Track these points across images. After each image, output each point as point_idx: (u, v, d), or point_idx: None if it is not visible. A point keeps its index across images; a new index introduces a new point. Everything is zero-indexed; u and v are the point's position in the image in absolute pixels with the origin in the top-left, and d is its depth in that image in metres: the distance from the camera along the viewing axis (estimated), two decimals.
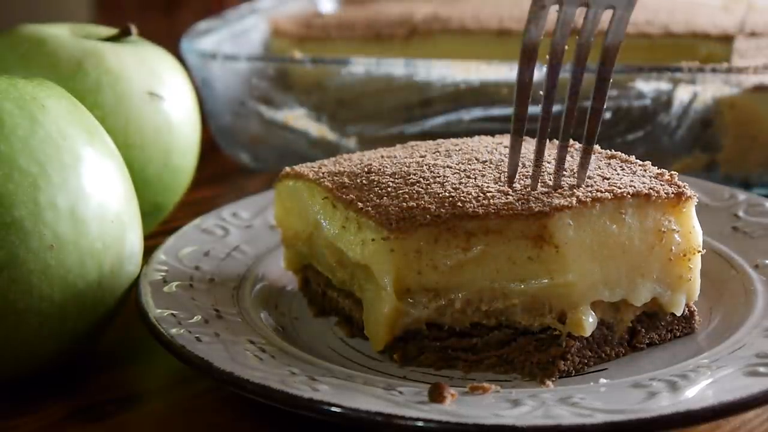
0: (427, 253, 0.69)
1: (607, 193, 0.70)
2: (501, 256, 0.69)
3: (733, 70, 1.01)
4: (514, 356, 0.71)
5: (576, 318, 0.70)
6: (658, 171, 0.74)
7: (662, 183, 0.72)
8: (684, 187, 0.72)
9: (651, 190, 0.71)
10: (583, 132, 0.72)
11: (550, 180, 0.72)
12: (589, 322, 0.70)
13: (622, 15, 0.70)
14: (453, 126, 1.10)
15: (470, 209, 0.69)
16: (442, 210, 0.69)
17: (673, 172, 0.74)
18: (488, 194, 0.70)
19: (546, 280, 0.69)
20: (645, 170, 0.74)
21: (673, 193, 0.71)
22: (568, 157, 0.74)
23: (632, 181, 0.72)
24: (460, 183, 0.72)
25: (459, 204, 0.69)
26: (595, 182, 0.71)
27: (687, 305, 0.74)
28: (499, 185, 0.72)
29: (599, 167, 0.75)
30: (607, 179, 0.72)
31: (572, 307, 0.70)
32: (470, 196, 0.70)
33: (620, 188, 0.70)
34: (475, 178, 0.73)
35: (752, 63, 1.05)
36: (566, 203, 0.69)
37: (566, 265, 0.69)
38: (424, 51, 1.21)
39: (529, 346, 0.71)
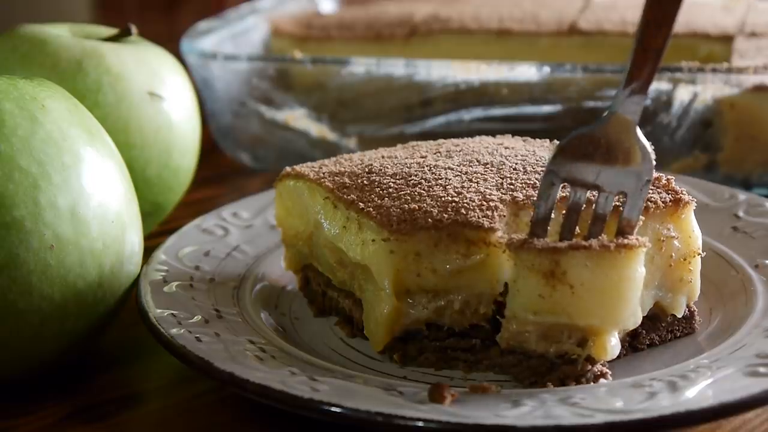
0: (426, 256, 0.69)
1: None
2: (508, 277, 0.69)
3: (733, 70, 1.01)
4: (519, 372, 0.70)
5: (600, 342, 0.66)
6: (656, 175, 0.74)
7: (659, 189, 0.72)
8: (681, 192, 0.72)
9: (648, 202, 0.71)
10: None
11: None
12: (612, 344, 0.66)
13: (635, 201, 0.68)
14: (453, 126, 1.10)
15: (473, 218, 0.69)
16: (444, 215, 0.69)
17: (670, 177, 0.74)
18: (491, 203, 0.70)
19: (563, 320, 0.66)
20: None
21: (670, 200, 0.71)
22: None
23: None
24: (462, 187, 0.72)
25: (462, 211, 0.69)
26: (593, 195, 0.71)
27: (687, 306, 0.74)
28: (502, 192, 0.71)
29: None
30: None
31: (594, 334, 0.66)
32: (473, 204, 0.70)
33: (617, 203, 0.70)
34: (477, 183, 0.73)
35: (752, 63, 1.05)
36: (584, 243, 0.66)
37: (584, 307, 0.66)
38: (424, 51, 1.21)
39: (541, 368, 0.68)
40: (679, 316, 0.73)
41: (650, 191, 0.72)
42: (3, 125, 0.68)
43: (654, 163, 0.68)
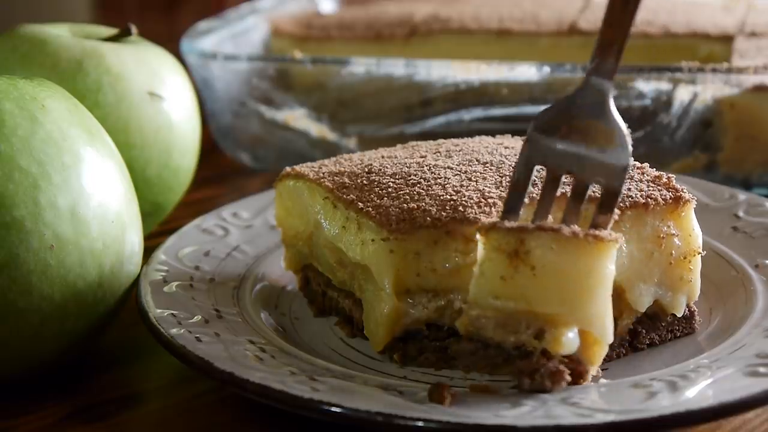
0: (426, 255, 0.69)
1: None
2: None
3: (733, 70, 1.01)
4: (474, 362, 0.69)
5: (556, 334, 0.64)
6: (656, 174, 0.74)
7: (660, 187, 0.72)
8: (682, 190, 0.72)
9: (648, 199, 0.71)
10: None
11: None
12: (569, 338, 0.64)
13: (610, 193, 0.66)
14: (453, 126, 1.10)
15: (471, 215, 0.69)
16: (443, 213, 0.69)
17: (670, 175, 0.74)
18: (489, 200, 0.70)
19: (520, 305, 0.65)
20: (643, 173, 0.74)
21: (671, 198, 0.71)
22: None
23: (629, 189, 0.72)
24: (461, 186, 0.72)
25: (460, 208, 0.69)
26: (593, 191, 0.71)
27: (687, 305, 0.74)
28: (501, 190, 0.72)
29: None
30: None
31: (552, 325, 0.64)
32: (471, 201, 0.70)
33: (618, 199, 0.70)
34: (477, 181, 0.73)
35: (752, 63, 1.05)
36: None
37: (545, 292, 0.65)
38: (424, 51, 1.21)
39: (497, 359, 0.67)
40: (679, 315, 0.73)
41: (651, 189, 0.72)
42: (3, 125, 0.68)
43: (631, 148, 0.67)
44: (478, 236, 0.66)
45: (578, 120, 0.68)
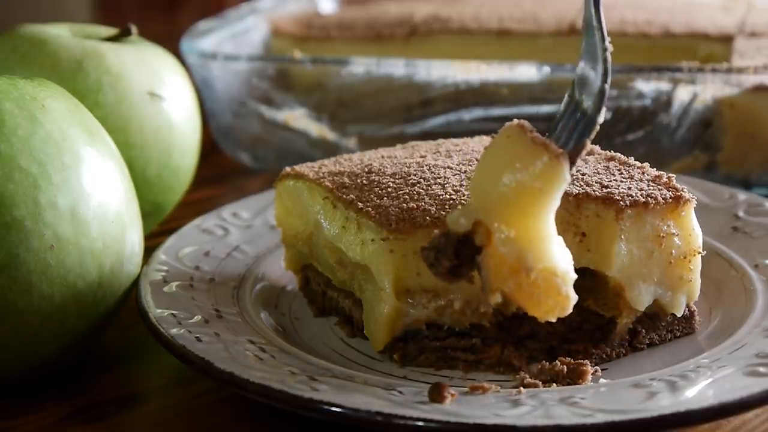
0: None
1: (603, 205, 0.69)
2: None
3: (733, 70, 1.01)
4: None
5: (484, 229, 0.62)
6: (656, 173, 0.74)
7: (660, 187, 0.72)
8: (682, 190, 0.72)
9: (648, 198, 0.71)
10: None
11: None
12: (497, 235, 0.62)
13: (589, 119, 0.65)
14: (453, 126, 1.10)
15: None
16: (442, 212, 0.69)
17: (671, 175, 0.74)
18: None
19: None
20: (643, 173, 0.74)
21: (671, 197, 0.71)
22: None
23: (630, 188, 0.72)
24: (461, 185, 0.72)
25: (459, 207, 0.69)
26: (594, 190, 0.71)
27: (687, 305, 0.74)
28: None
29: (597, 171, 0.75)
30: (606, 187, 0.72)
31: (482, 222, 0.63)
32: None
33: (618, 198, 0.70)
34: None
35: (752, 63, 1.05)
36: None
37: None
38: (424, 51, 1.21)
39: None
40: (679, 315, 0.73)
41: (651, 188, 0.72)
42: (3, 125, 0.68)
43: (607, 69, 0.65)
44: None
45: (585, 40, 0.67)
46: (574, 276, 0.64)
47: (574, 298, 0.63)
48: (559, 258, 0.63)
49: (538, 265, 0.62)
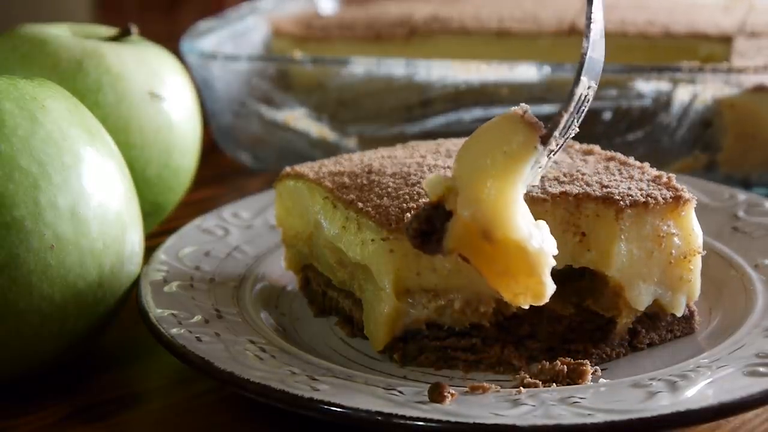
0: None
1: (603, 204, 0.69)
2: None
3: (733, 70, 1.01)
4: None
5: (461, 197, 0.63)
6: (656, 173, 0.74)
7: (660, 187, 0.72)
8: (682, 190, 0.72)
9: (648, 198, 0.71)
10: None
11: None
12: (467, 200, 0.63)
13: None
14: (453, 126, 1.10)
15: None
16: None
17: (670, 175, 0.74)
18: None
19: None
20: (643, 173, 0.74)
21: (671, 197, 0.71)
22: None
23: (630, 188, 0.72)
24: None
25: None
26: (593, 190, 0.71)
27: (687, 305, 0.74)
28: None
29: (597, 171, 0.75)
30: (605, 187, 0.72)
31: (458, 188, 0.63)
32: None
33: (618, 198, 0.70)
34: None
35: (752, 63, 1.05)
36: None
37: None
38: (424, 51, 1.21)
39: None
40: (679, 315, 0.73)
41: (651, 188, 0.72)
42: (3, 125, 0.68)
43: (600, 49, 0.66)
44: None
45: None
46: (552, 262, 0.63)
47: (550, 286, 0.63)
48: (528, 234, 0.62)
49: (497, 231, 0.62)
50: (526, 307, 0.64)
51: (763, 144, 1.03)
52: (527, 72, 1.05)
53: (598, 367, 0.70)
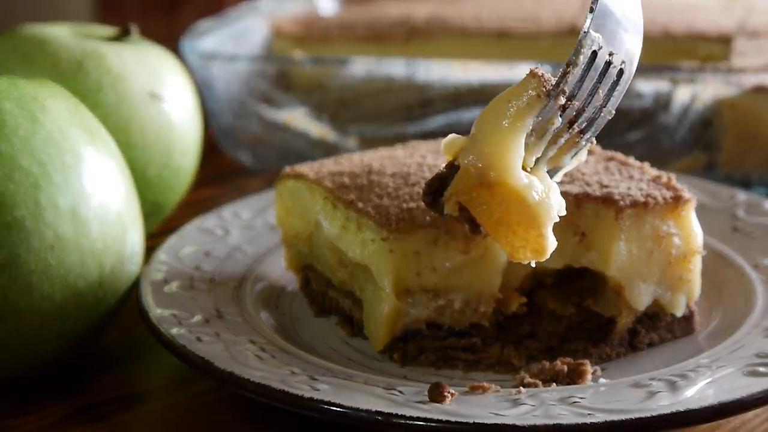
0: (426, 254, 0.70)
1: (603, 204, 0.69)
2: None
3: (733, 70, 1.01)
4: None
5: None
6: (656, 173, 0.74)
7: (660, 186, 0.72)
8: (682, 190, 0.72)
9: (648, 198, 0.71)
10: None
11: None
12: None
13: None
14: (453, 126, 1.10)
15: None
16: None
17: (670, 174, 0.74)
18: None
19: None
20: (643, 173, 0.75)
21: (671, 197, 0.71)
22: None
23: (629, 188, 0.72)
24: None
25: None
26: (593, 190, 0.71)
27: (687, 305, 0.74)
28: None
29: (597, 171, 0.75)
30: (605, 187, 0.72)
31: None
32: None
33: (618, 198, 0.70)
34: None
35: (752, 63, 1.05)
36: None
37: None
38: (424, 51, 1.21)
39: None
40: (679, 315, 0.73)
41: (651, 188, 0.72)
42: (4, 125, 0.68)
43: (638, 43, 0.66)
44: None
45: None
46: (556, 218, 0.62)
47: (551, 241, 0.62)
48: (527, 184, 0.62)
49: (493, 174, 0.62)
50: (526, 262, 0.63)
51: (763, 144, 1.03)
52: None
53: (598, 367, 0.70)
